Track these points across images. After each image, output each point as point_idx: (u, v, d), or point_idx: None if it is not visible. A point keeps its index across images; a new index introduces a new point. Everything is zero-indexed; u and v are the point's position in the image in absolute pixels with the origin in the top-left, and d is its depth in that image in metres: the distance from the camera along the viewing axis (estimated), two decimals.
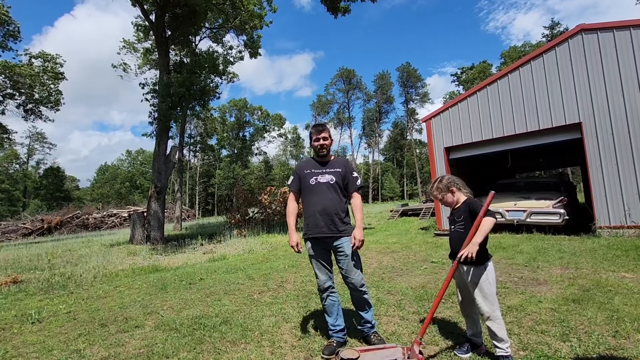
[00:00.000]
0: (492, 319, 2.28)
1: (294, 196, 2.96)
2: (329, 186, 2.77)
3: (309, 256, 2.82)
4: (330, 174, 2.80)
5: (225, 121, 55.28)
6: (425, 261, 5.69)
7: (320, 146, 2.85)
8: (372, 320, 2.78)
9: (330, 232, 2.70)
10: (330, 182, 2.77)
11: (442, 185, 2.55)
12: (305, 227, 2.82)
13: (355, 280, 2.70)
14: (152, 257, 8.83)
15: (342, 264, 2.73)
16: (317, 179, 2.80)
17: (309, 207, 2.80)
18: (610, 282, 3.86)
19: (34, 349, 3.13)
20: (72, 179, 62.09)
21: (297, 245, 2.72)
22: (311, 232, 2.75)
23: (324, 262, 2.78)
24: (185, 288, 5.05)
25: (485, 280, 2.31)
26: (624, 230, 6.70)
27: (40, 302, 4.88)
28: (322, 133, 2.86)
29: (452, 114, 9.52)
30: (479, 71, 46.17)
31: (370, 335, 2.75)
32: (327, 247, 2.78)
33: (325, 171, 2.82)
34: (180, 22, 13.04)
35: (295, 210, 2.92)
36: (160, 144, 12.60)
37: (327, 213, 2.71)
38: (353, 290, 2.74)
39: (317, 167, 2.87)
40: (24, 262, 8.85)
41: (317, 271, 2.79)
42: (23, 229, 25.03)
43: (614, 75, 6.96)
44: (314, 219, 2.73)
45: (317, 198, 2.75)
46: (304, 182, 2.86)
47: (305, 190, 2.85)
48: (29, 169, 53.10)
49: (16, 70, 16.73)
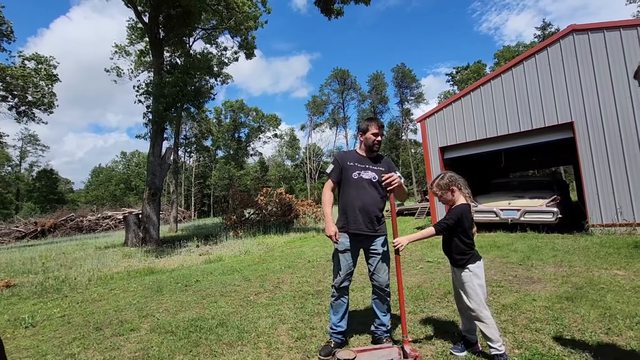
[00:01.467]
0: (480, 319, 2.31)
1: (332, 185, 2.85)
2: (371, 183, 2.72)
3: (339, 251, 2.70)
4: (374, 172, 2.75)
5: (220, 122, 55.12)
6: (421, 260, 5.72)
7: (377, 142, 2.79)
8: (387, 324, 2.76)
9: (368, 230, 2.67)
10: (373, 179, 2.73)
11: (443, 183, 2.51)
12: (342, 220, 2.73)
13: (382, 280, 2.69)
14: (147, 259, 8.77)
15: (373, 261, 2.71)
16: (360, 174, 2.74)
17: (348, 201, 2.73)
18: (603, 280, 3.91)
19: (28, 353, 3.10)
20: (66, 181, 61.41)
21: (335, 235, 2.59)
22: (351, 227, 2.69)
23: (353, 259, 2.72)
24: (181, 290, 5.03)
25: (469, 282, 2.36)
26: (616, 228, 6.79)
27: (33, 306, 4.83)
28: (382, 129, 2.82)
29: (447, 114, 9.58)
30: (474, 71, 46.48)
31: (383, 338, 2.70)
32: (361, 245, 2.74)
33: (369, 167, 2.77)
34: (174, 23, 12.97)
35: (332, 200, 2.80)
36: (155, 145, 12.52)
37: (366, 210, 2.66)
38: (378, 289, 2.71)
39: (361, 161, 2.80)
40: (17, 265, 8.74)
41: (342, 267, 2.69)
42: (16, 232, 24.71)
43: (604, 75, 7.06)
44: (353, 214, 2.68)
45: (358, 193, 2.70)
46: (345, 174, 2.78)
47: (346, 183, 2.77)
48: (22, 172, 52.45)
49: (8, 72, 16.54)
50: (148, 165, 12.68)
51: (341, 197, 2.83)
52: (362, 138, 2.85)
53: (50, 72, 18.17)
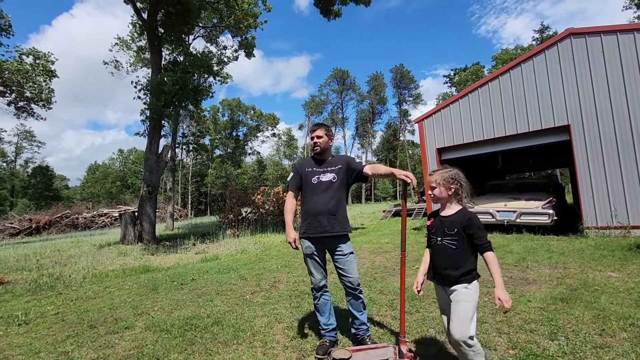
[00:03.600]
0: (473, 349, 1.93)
1: (293, 193, 2.91)
2: (331, 185, 2.75)
3: (305, 255, 2.80)
4: (332, 172, 2.78)
5: (217, 121, 54.93)
6: (417, 261, 5.73)
7: (314, 144, 2.87)
8: (367, 323, 2.79)
9: (334, 231, 2.69)
10: (333, 180, 2.76)
11: (447, 176, 2.10)
12: (304, 225, 2.79)
13: (354, 279, 2.70)
14: (143, 257, 8.73)
15: (340, 263, 2.73)
16: (319, 177, 2.78)
17: (310, 206, 2.77)
18: (597, 282, 3.94)
19: (21, 351, 3.08)
20: (61, 178, 61.05)
21: (294, 242, 2.69)
22: (311, 231, 2.73)
23: (320, 261, 2.78)
24: (177, 288, 5.01)
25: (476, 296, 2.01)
26: (611, 231, 6.84)
27: (27, 303, 4.79)
28: (315, 132, 2.87)
29: (444, 115, 9.61)
30: (472, 73, 46.66)
31: (366, 338, 2.73)
32: (325, 247, 2.78)
33: (326, 170, 2.80)
34: (174, 20, 12.89)
35: (293, 208, 2.90)
36: (152, 142, 12.45)
37: (329, 212, 2.70)
38: (350, 289, 2.73)
39: (316, 165, 2.86)
40: (10, 262, 8.66)
41: (313, 270, 2.78)
42: (10, 229, 24.50)
43: (601, 78, 7.10)
44: (315, 218, 2.72)
45: (319, 197, 2.74)
46: (305, 180, 2.83)
47: (307, 189, 2.82)
48: (17, 168, 52.03)
49: (5, 67, 16.39)
50: (145, 163, 12.61)
51: (303, 203, 2.89)
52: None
53: (48, 67, 18.05)
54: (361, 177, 2.78)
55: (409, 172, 2.38)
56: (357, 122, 59.99)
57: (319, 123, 2.98)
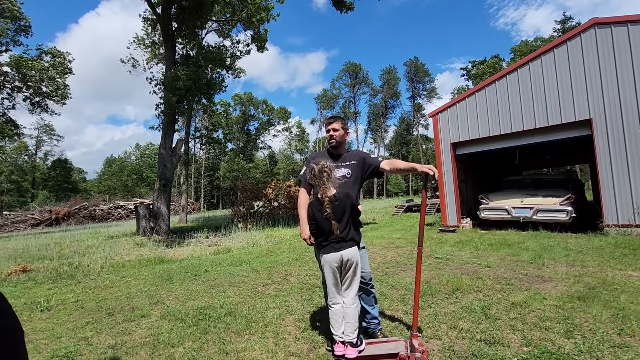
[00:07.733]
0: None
1: (306, 188, 2.88)
2: (344, 180, 2.72)
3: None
4: (346, 167, 2.74)
5: (229, 115, 55.33)
6: (430, 257, 5.68)
7: (330, 137, 2.80)
8: (378, 317, 2.78)
9: None
10: (347, 175, 2.71)
11: (317, 169, 2.44)
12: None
13: (366, 274, 2.70)
14: (157, 248, 8.94)
15: None
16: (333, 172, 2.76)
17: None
18: (617, 281, 3.82)
19: (43, 335, 3.21)
20: (79, 171, 62.82)
21: (309, 238, 2.64)
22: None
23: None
24: (191, 279, 5.11)
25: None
26: (632, 229, 6.61)
27: (48, 290, 4.98)
28: (331, 124, 2.79)
29: (460, 109, 9.41)
30: (490, 66, 45.49)
31: (377, 332, 2.73)
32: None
33: (340, 165, 2.75)
34: (187, 14, 13.00)
35: (307, 203, 2.83)
36: (166, 137, 12.66)
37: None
38: (362, 284, 2.70)
39: (331, 159, 2.79)
40: (32, 251, 9.02)
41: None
42: (32, 220, 25.46)
43: (627, 70, 6.81)
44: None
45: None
46: None
47: None
48: (37, 161, 53.82)
49: (26, 64, 16.95)
50: (159, 157, 12.85)
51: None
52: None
53: (66, 65, 18.59)
54: (376, 172, 2.74)
55: (431, 165, 2.33)
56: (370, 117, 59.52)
57: (334, 115, 2.90)
